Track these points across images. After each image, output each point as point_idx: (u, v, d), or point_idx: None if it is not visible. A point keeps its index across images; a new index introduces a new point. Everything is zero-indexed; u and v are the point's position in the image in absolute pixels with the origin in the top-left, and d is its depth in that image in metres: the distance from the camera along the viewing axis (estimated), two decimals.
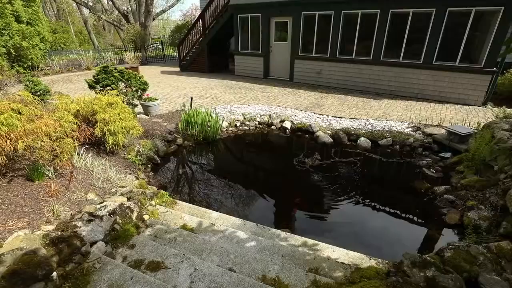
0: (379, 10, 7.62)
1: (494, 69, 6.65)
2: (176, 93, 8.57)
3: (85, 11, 27.38)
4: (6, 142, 2.59)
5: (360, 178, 4.30)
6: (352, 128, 5.62)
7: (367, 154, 5.00)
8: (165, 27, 36.34)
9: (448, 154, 4.74)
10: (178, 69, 13.68)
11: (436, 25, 6.98)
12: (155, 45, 20.16)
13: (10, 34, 9.18)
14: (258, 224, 2.94)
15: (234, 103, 7.37)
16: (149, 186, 3.72)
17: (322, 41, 8.87)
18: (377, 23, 7.76)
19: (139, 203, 2.86)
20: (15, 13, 9.59)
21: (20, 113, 2.93)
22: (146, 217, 2.76)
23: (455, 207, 3.41)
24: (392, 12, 7.47)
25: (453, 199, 3.54)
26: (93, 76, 5.04)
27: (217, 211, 3.32)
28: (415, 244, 3.01)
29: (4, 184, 2.81)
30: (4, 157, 2.62)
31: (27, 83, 5.59)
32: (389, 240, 3.11)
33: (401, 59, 7.73)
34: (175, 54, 19.59)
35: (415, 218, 3.40)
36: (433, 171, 4.34)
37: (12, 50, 9.40)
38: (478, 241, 2.56)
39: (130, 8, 22.45)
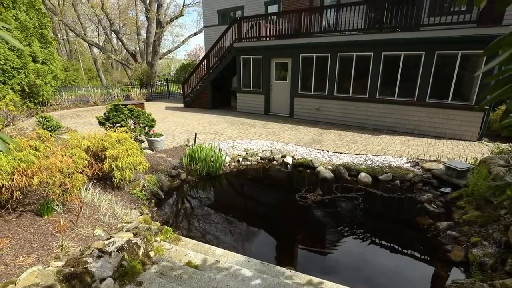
0: (372, 53, 8.20)
1: (486, 106, 6.98)
2: (180, 128, 8.86)
3: (96, 50, 29.11)
4: (22, 178, 2.71)
5: (362, 213, 4.33)
6: (352, 164, 5.75)
7: (368, 190, 5.07)
8: (170, 65, 38.33)
9: (448, 189, 4.81)
10: (182, 105, 14.22)
11: (426, 66, 7.48)
12: (160, 82, 21.12)
13: (26, 72, 9.75)
14: (263, 262, 2.94)
15: (236, 138, 7.59)
16: (153, 222, 3.74)
17: (320, 80, 9.40)
18: (371, 64, 8.30)
19: (145, 239, 2.89)
20: (32, 54, 10.29)
21: (36, 149, 3.09)
22: (152, 253, 2.77)
23: (459, 243, 3.41)
24: (385, 55, 8.05)
25: (456, 235, 3.55)
26: (104, 114, 5.31)
27: (220, 247, 3.31)
28: (421, 282, 2.97)
29: (14, 219, 2.87)
30: (19, 192, 2.72)
31: (40, 119, 5.85)
32: (394, 278, 3.07)
33: (396, 97, 8.14)
34: (179, 90, 20.47)
35: (419, 255, 3.38)
36: (435, 206, 4.39)
37: (26, 87, 9.90)
38: (484, 279, 2.55)
39: (138, 48, 23.91)
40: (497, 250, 3.03)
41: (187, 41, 24.83)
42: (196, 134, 6.65)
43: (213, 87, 12.59)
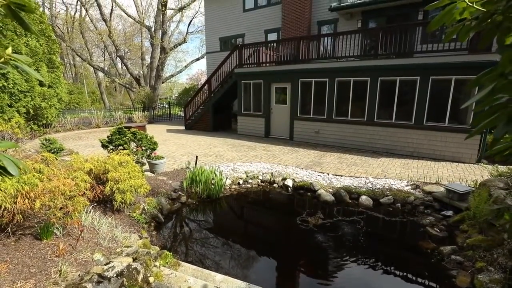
0: (369, 78, 8.48)
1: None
2: (181, 150, 8.93)
3: (100, 74, 29.97)
4: (25, 201, 2.73)
5: (364, 238, 4.27)
6: (353, 186, 5.75)
7: (369, 213, 5.03)
8: (173, 88, 39.27)
9: (450, 213, 4.78)
10: (183, 127, 14.41)
11: (422, 90, 7.70)
12: (162, 105, 21.55)
13: (32, 96, 10.01)
14: None
15: (237, 161, 7.64)
16: (153, 246, 3.69)
17: (319, 103, 9.62)
18: (368, 89, 8.55)
19: (144, 264, 2.84)
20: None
21: (40, 172, 3.13)
22: (151, 279, 2.72)
23: (464, 268, 3.35)
24: (381, 79, 8.31)
25: (461, 260, 3.49)
26: (107, 137, 5.40)
27: (221, 272, 3.25)
28: None
29: (12, 243, 2.84)
30: (20, 215, 2.73)
31: (44, 141, 5.94)
32: None
33: (393, 120, 8.29)
34: (180, 113, 20.82)
35: (424, 281, 3.31)
36: (437, 230, 4.34)
37: (31, 110, 10.12)
38: None
39: (142, 73, 24.64)
40: (503, 276, 2.97)
41: (189, 66, 25.67)
42: (197, 157, 6.71)
43: (214, 110, 12.85)
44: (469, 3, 1.09)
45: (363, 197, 5.37)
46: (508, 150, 1.34)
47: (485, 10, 1.07)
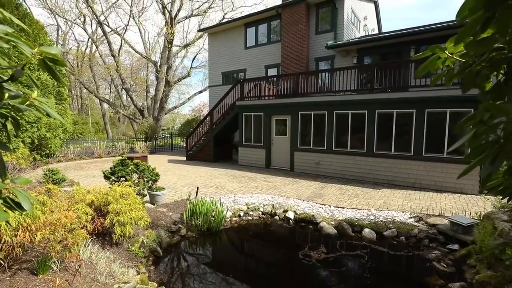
0: (366, 111, 8.74)
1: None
2: (182, 181, 8.92)
3: (105, 105, 30.82)
4: (25, 233, 2.72)
5: (369, 273, 4.13)
6: (355, 219, 5.67)
7: (373, 247, 4.91)
8: (175, 119, 40.10)
9: (455, 246, 4.66)
10: (184, 158, 14.51)
11: (418, 122, 7.90)
12: (164, 135, 21.89)
13: (39, 126, 10.25)
14: None
15: (237, 192, 7.60)
16: (150, 282, 3.57)
17: (319, 135, 9.81)
18: (366, 121, 8.77)
19: None
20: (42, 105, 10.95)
21: (43, 203, 3.15)
22: None
23: None
24: (378, 112, 8.56)
25: None
26: (110, 168, 5.46)
27: None
28: None
29: (7, 278, 2.78)
30: (20, 248, 2.70)
31: (47, 172, 5.99)
32: None
33: (393, 151, 8.39)
34: (182, 143, 21.08)
35: None
36: (444, 265, 4.21)
37: (36, 140, 10.30)
38: None
39: (146, 104, 25.37)
40: None
41: (192, 98, 26.52)
42: (198, 188, 6.70)
43: (215, 141, 13.05)
44: (449, 54, 1.23)
45: (366, 230, 5.28)
46: (502, 185, 1.40)
47: (464, 60, 1.20)
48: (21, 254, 2.98)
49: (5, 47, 1.02)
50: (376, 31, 18.14)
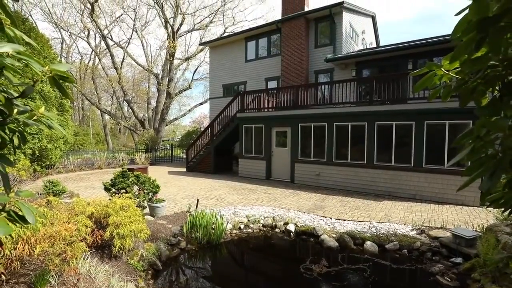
0: (366, 123, 8.80)
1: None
2: (182, 193, 8.88)
3: (107, 117, 31.02)
4: (25, 246, 2.70)
5: None
6: (356, 231, 5.61)
7: (375, 260, 4.84)
8: (176, 131, 40.27)
9: (459, 260, 4.60)
10: (184, 169, 14.49)
11: (418, 134, 7.94)
12: (164, 146, 21.92)
13: (40, 138, 10.30)
14: None
15: (238, 204, 7.56)
16: None
17: (319, 146, 9.83)
18: (366, 133, 8.82)
19: None
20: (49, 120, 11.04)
21: (44, 216, 3.13)
22: None
23: None
24: (378, 124, 8.62)
25: None
26: (111, 180, 5.46)
27: None
28: None
29: None
30: (18, 262, 2.67)
31: (47, 184, 5.98)
32: None
33: (393, 163, 8.39)
34: (182, 154, 21.07)
35: None
36: (448, 279, 4.14)
37: (37, 151, 10.32)
38: None
39: (147, 116, 25.55)
40: None
41: (193, 110, 26.73)
42: (198, 200, 6.66)
43: (216, 152, 13.07)
44: (445, 71, 1.26)
45: (368, 243, 5.21)
46: (502, 199, 1.41)
47: (459, 77, 1.24)
48: (19, 268, 2.95)
49: (17, 65, 1.06)
50: (374, 45, 18.49)
